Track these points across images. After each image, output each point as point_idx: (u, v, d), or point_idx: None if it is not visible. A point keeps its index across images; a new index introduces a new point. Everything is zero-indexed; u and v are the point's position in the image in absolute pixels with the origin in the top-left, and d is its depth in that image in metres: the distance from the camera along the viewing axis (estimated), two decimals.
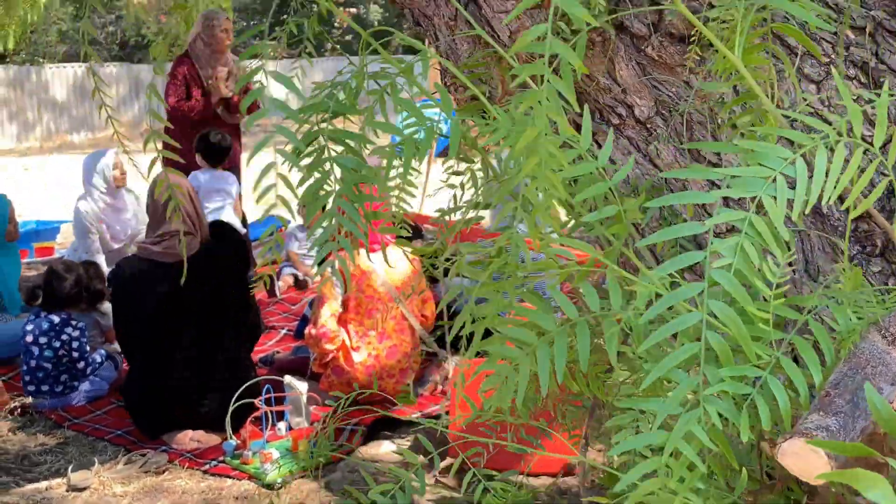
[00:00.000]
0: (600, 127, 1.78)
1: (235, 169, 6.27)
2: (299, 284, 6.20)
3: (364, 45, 1.34)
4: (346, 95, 1.21)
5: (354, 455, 3.60)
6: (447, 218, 1.87)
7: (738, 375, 1.13)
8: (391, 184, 1.38)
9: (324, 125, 1.19)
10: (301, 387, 3.90)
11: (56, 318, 4.25)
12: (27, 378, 4.22)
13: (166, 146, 6.04)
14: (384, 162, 1.33)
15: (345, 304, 4.09)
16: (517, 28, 1.54)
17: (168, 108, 6.09)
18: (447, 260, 1.73)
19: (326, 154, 1.17)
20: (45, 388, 4.19)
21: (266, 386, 3.63)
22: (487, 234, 4.52)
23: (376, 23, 29.07)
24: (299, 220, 6.66)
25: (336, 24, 31.30)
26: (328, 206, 1.23)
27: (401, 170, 1.29)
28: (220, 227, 4.18)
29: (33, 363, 4.20)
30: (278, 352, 4.79)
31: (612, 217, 1.34)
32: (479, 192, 1.58)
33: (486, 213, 4.51)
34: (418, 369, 4.27)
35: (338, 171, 1.23)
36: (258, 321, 4.03)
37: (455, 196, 1.76)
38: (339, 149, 1.22)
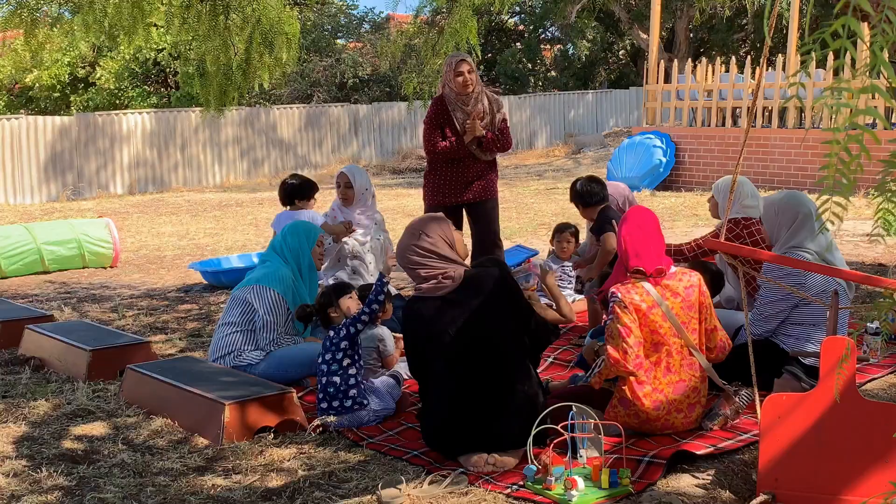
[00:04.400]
0: None
1: (492, 199, 6.41)
2: None
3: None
4: None
5: (657, 487, 3.53)
6: None
7: None
8: None
9: None
10: (590, 415, 3.87)
11: (332, 332, 4.45)
12: (320, 395, 4.40)
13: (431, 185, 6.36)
14: None
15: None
16: None
17: (426, 150, 6.39)
18: None
19: None
20: (335, 403, 4.35)
21: (570, 412, 3.63)
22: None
23: (583, 57, 29.08)
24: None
25: (539, 60, 31.59)
26: None
27: None
28: (485, 261, 4.32)
29: (324, 380, 4.38)
30: (550, 380, 4.78)
31: None
32: None
33: None
34: (705, 402, 4.14)
35: None
36: (548, 334, 4.09)
37: None
38: None
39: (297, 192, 6.77)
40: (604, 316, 4.56)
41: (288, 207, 6.81)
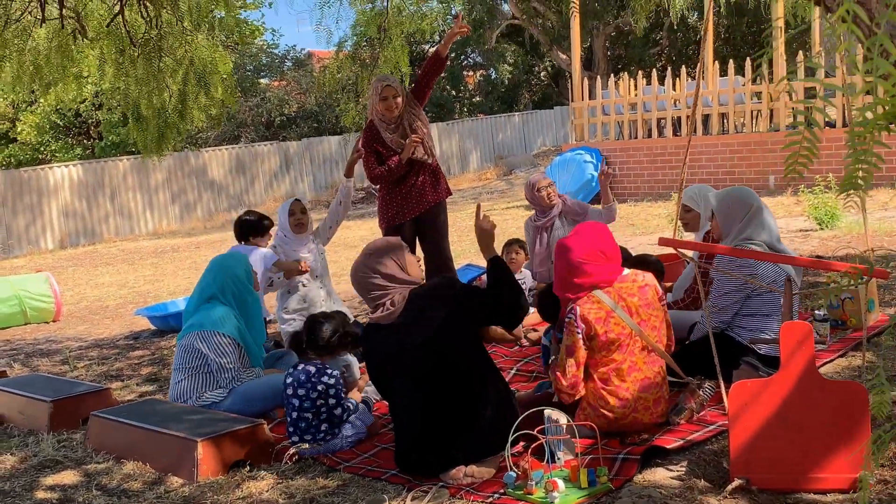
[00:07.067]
0: None
1: (442, 207, 6.45)
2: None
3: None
4: None
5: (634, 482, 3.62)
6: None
7: None
8: None
9: None
10: (562, 419, 3.95)
11: (312, 369, 4.45)
12: (291, 429, 4.41)
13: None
14: None
15: (591, 348, 4.10)
16: None
17: (367, 177, 6.45)
18: None
19: None
20: (307, 436, 4.36)
21: (546, 416, 3.70)
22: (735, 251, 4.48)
23: (506, 81, 29.47)
24: None
25: (462, 86, 31.91)
26: None
27: None
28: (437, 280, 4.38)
29: (295, 414, 4.39)
30: (516, 391, 4.85)
31: None
32: None
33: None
34: (669, 398, 4.25)
35: None
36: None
37: None
38: None
39: (250, 228, 6.68)
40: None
41: (242, 243, 6.70)
